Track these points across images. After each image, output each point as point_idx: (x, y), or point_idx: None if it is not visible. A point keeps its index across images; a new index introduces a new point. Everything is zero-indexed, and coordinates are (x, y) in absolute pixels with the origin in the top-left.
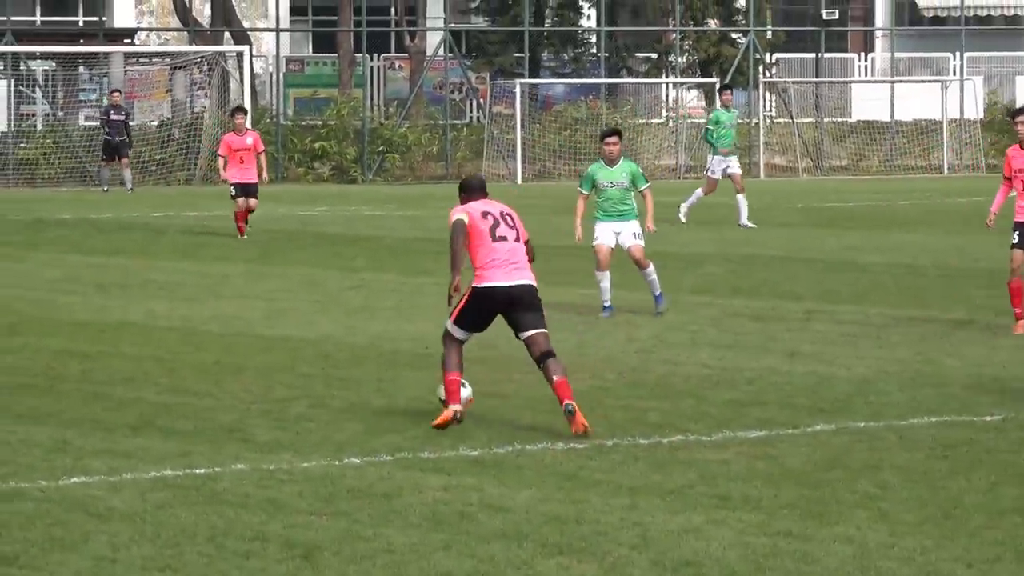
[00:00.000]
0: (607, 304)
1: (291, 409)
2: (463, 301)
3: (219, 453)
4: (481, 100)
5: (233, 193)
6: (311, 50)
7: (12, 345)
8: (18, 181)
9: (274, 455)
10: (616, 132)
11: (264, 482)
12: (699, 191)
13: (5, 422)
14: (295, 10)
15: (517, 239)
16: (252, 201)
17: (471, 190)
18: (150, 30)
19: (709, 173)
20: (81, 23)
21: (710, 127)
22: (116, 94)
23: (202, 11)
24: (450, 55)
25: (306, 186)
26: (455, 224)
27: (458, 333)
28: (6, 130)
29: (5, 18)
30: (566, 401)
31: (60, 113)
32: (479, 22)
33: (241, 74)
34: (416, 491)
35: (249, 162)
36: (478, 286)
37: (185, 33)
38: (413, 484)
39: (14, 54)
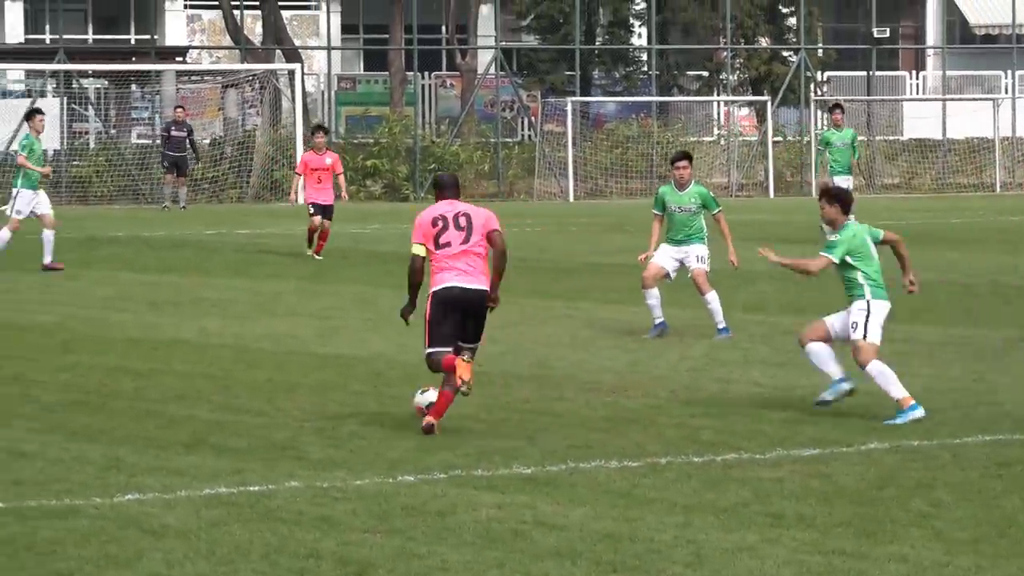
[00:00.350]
0: (658, 321)
1: (344, 427)
2: (427, 315)
3: (273, 470)
4: (532, 118)
5: (311, 212)
6: (362, 68)
7: (65, 363)
8: (71, 199)
9: (328, 472)
10: (686, 156)
11: (318, 499)
12: None
13: (59, 439)
14: (346, 28)
15: (465, 240)
16: (325, 222)
17: (443, 187)
18: (202, 48)
19: None
20: (133, 41)
21: (820, 147)
22: (180, 110)
23: (253, 29)
24: (501, 73)
25: (358, 204)
26: (412, 259)
27: (436, 351)
28: (59, 148)
29: (57, 36)
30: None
31: (112, 131)
32: (530, 40)
33: (292, 92)
34: (470, 509)
35: (327, 182)
36: (434, 289)
37: (237, 51)
38: (467, 502)
39: (66, 72)
